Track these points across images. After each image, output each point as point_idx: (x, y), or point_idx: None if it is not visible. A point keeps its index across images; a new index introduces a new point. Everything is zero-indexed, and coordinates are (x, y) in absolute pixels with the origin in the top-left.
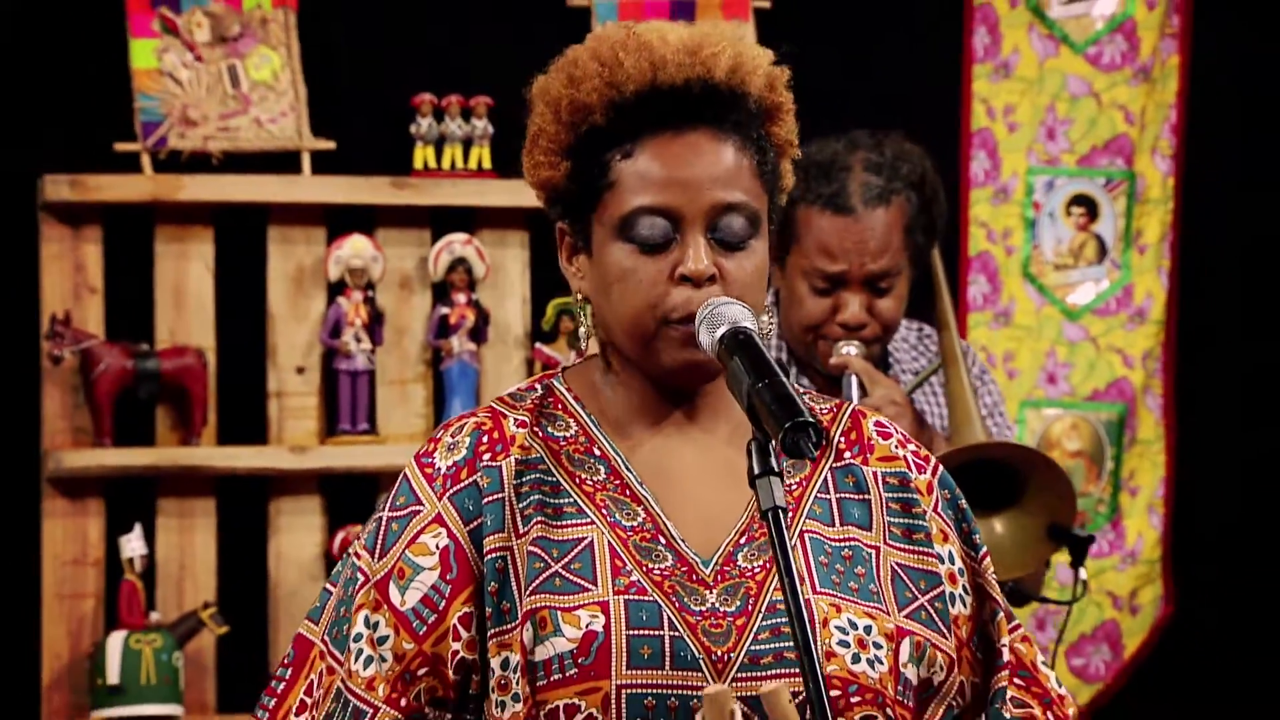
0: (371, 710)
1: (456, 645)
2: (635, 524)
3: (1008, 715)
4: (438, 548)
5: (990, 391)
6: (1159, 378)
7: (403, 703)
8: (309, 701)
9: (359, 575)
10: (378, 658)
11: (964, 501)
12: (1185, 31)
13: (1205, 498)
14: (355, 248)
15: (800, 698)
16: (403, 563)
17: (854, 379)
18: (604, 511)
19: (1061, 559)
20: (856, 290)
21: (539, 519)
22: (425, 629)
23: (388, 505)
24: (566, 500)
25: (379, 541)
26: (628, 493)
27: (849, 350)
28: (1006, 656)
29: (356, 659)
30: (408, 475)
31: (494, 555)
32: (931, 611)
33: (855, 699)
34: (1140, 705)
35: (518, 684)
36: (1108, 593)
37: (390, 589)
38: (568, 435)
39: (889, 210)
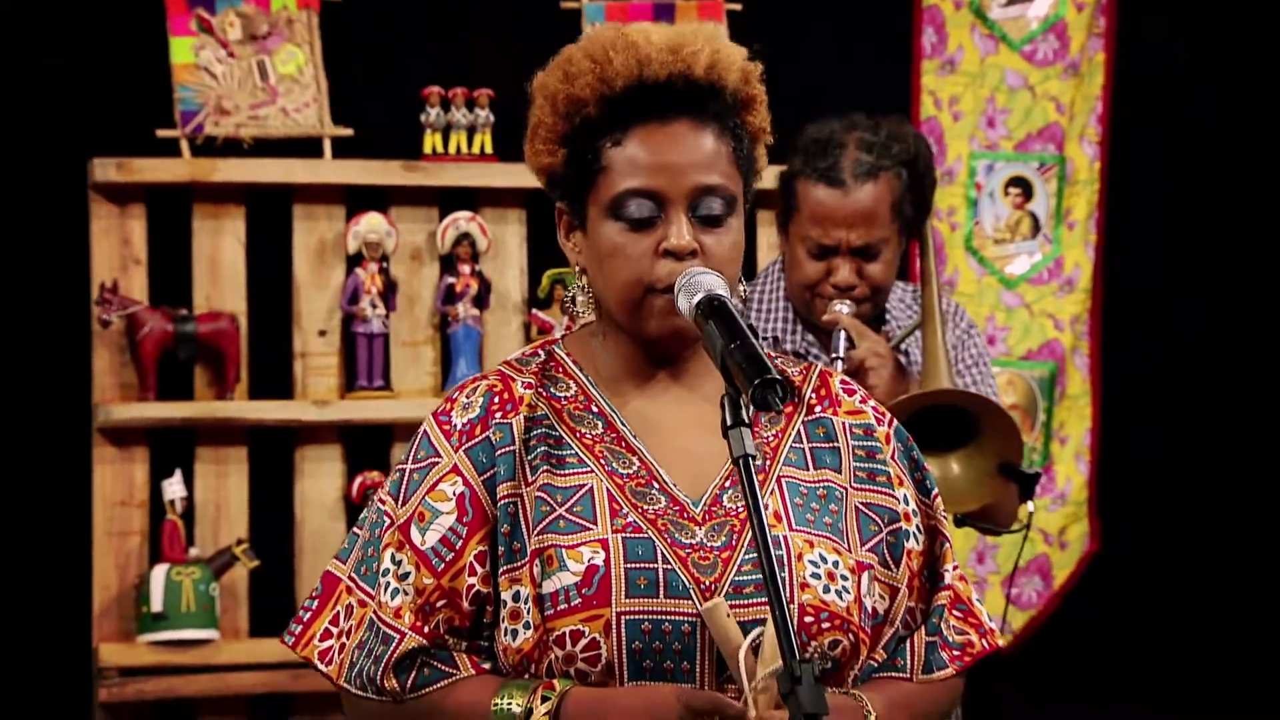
0: (399, 636)
1: (472, 580)
2: (630, 471)
3: (950, 638)
4: (454, 494)
5: (975, 345)
6: (1086, 340)
7: (425, 629)
8: (334, 630)
9: (384, 519)
10: (402, 590)
11: (916, 451)
12: (1110, 31)
13: (1126, 446)
14: (371, 224)
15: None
16: (423, 507)
17: (843, 333)
18: (602, 461)
19: None
20: (847, 256)
21: (545, 469)
22: (444, 566)
23: (409, 458)
24: (569, 452)
25: (402, 489)
26: (623, 444)
27: (840, 308)
28: (947, 579)
29: (385, 590)
30: (426, 431)
31: (506, 500)
32: (886, 546)
33: (825, 624)
34: (1067, 629)
35: (529, 613)
36: (1039, 530)
37: (412, 530)
38: (568, 395)
39: (877, 185)
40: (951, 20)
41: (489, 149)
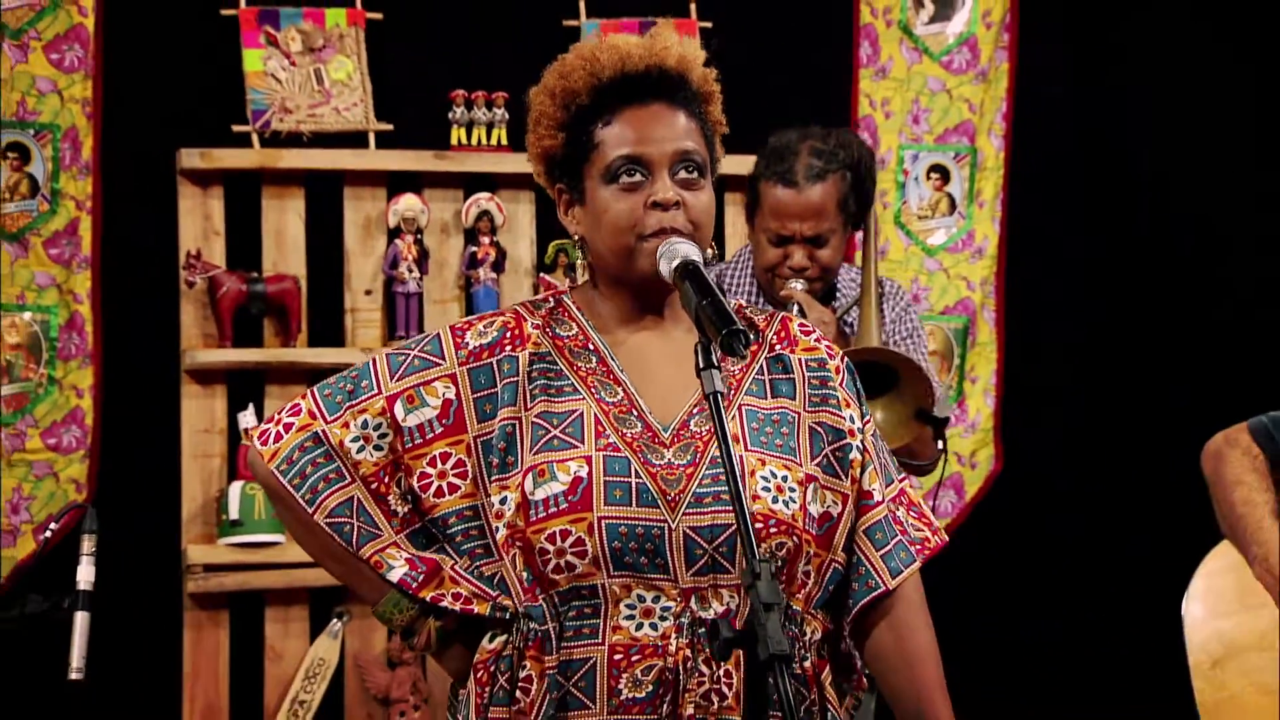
0: (350, 474)
1: (430, 471)
2: (615, 400)
3: (912, 534)
4: (443, 394)
5: (911, 319)
6: (993, 298)
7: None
8: (277, 417)
9: (374, 384)
10: (371, 447)
11: (859, 383)
12: (1013, 45)
13: (1024, 384)
14: (408, 203)
15: (732, 528)
16: (414, 393)
17: (796, 305)
18: (593, 390)
19: None
20: (800, 243)
21: (543, 398)
22: (411, 445)
23: (418, 345)
24: (566, 383)
25: (402, 366)
26: (611, 376)
27: (795, 285)
28: (877, 496)
29: (353, 442)
30: (440, 336)
31: (506, 421)
32: (833, 460)
33: (774, 529)
34: (977, 535)
35: (510, 514)
36: (954, 453)
37: (397, 405)
38: (570, 335)
39: (825, 185)
40: (884, 36)
41: (504, 141)
